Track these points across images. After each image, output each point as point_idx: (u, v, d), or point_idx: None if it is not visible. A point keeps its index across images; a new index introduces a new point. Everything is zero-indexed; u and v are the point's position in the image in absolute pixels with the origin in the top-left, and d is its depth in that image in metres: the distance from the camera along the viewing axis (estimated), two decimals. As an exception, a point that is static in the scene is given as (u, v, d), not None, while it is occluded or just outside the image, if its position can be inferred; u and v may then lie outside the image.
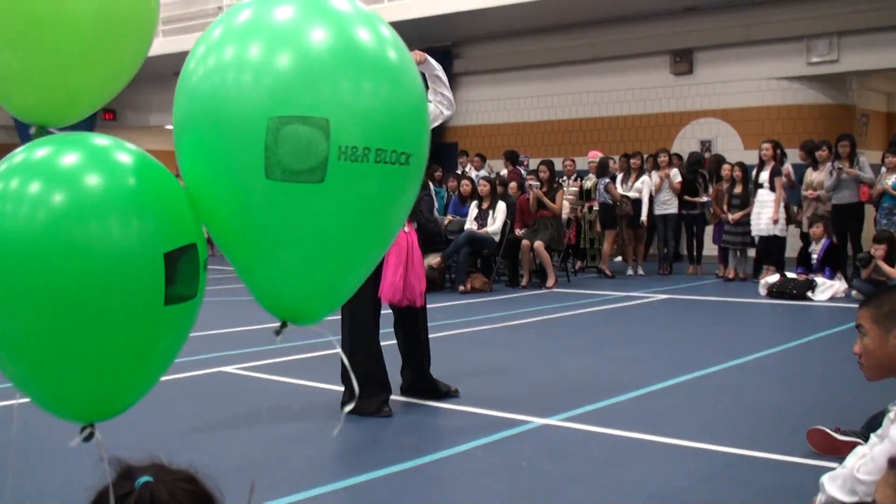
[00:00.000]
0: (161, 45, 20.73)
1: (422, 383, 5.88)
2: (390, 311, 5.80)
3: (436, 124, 6.05)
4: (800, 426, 4.81)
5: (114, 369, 1.73)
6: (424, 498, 4.07)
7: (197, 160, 1.80)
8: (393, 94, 1.88)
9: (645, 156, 14.14)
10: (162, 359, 1.85)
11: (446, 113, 6.01)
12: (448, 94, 5.96)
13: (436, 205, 13.81)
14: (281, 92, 1.74)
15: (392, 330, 5.89)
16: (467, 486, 4.23)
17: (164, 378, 6.39)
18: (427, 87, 6.35)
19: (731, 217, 12.47)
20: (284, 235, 1.84)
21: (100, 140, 1.79)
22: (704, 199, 13.37)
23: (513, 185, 13.40)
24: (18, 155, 1.71)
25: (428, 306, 5.97)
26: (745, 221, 12.37)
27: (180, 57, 11.08)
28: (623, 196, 13.38)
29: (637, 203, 13.48)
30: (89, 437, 1.79)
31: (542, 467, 4.45)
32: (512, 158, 15.13)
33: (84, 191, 1.66)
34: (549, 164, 12.72)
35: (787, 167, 12.34)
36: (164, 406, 5.74)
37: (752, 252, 12.76)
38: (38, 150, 1.72)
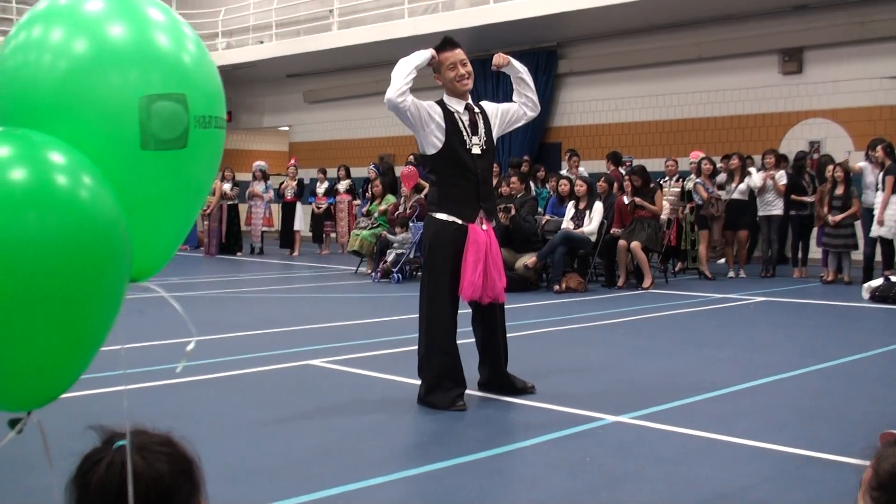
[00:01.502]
0: (274, 49, 21.31)
1: (498, 379, 5.98)
2: (468, 308, 5.92)
3: (519, 125, 6.15)
4: (875, 431, 4.70)
5: (37, 358, 1.84)
6: (484, 489, 4.17)
7: (73, 141, 1.99)
8: (202, 78, 2.22)
9: (745, 156, 13.97)
10: (92, 343, 1.96)
11: (530, 114, 6.09)
12: (532, 96, 6.04)
13: (538, 205, 13.86)
14: (145, 76, 2.05)
15: (470, 327, 6.00)
16: (527, 479, 4.32)
17: (253, 370, 6.66)
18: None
19: (831, 219, 12.22)
20: (155, 198, 2.12)
21: (33, 136, 1.91)
22: (809, 199, 13.12)
23: (615, 184, 13.40)
24: None
25: (521, 305, 6.06)
26: (847, 224, 12.12)
27: (293, 59, 11.64)
28: (711, 197, 13.23)
29: (734, 205, 13.35)
30: (22, 430, 1.90)
31: (605, 463, 4.52)
32: (614, 159, 15.05)
33: (5, 184, 1.77)
34: (640, 171, 12.64)
35: (846, 156, 12.83)
36: (251, 396, 5.99)
37: (854, 255, 12.53)
38: None
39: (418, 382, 5.79)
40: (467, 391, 5.76)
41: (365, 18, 20.43)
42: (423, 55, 5.66)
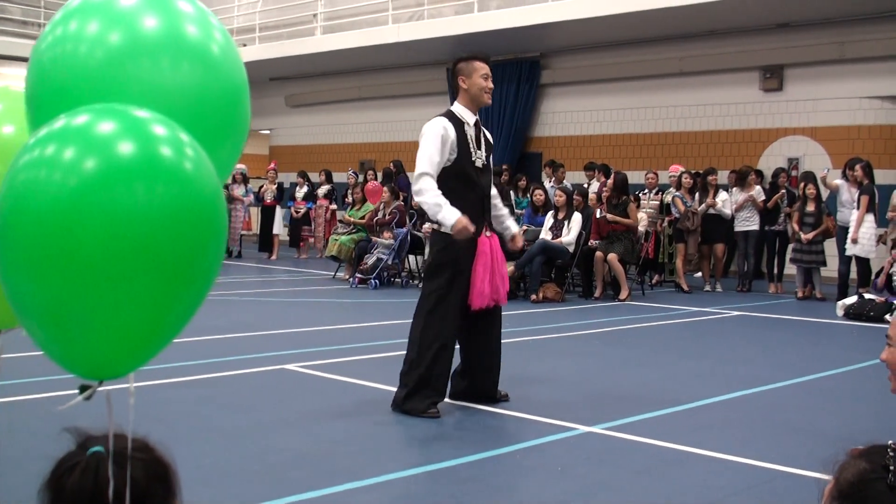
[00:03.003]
0: (257, 52, 21.27)
1: (485, 385, 5.97)
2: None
3: None
4: (845, 447, 4.77)
5: (134, 328, 1.83)
6: (457, 496, 4.19)
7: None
8: None
9: (726, 172, 14.08)
10: (180, 320, 1.92)
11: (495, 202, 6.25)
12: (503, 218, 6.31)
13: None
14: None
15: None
16: (500, 487, 4.34)
17: (228, 373, 6.64)
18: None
19: (804, 236, 12.34)
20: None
21: (137, 111, 1.88)
22: (783, 215, 13.27)
23: (592, 195, 13.46)
24: (59, 121, 1.82)
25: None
26: (818, 240, 12.27)
27: (276, 63, 11.71)
28: (688, 211, 13.32)
29: (709, 219, 13.45)
30: (91, 396, 1.88)
31: (576, 472, 4.54)
32: (605, 171, 15.13)
33: (113, 157, 1.75)
34: (621, 181, 12.70)
35: (824, 173, 12.95)
36: (226, 400, 5.97)
37: (828, 272, 12.65)
38: (77, 118, 1.82)
39: (393, 389, 5.79)
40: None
41: (349, 24, 20.43)
42: (449, 220, 5.54)
